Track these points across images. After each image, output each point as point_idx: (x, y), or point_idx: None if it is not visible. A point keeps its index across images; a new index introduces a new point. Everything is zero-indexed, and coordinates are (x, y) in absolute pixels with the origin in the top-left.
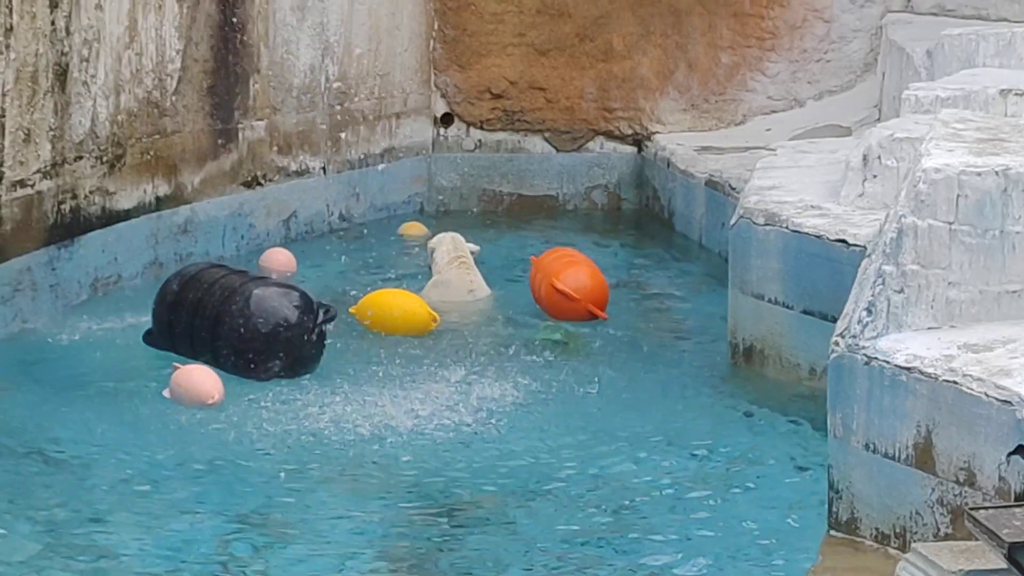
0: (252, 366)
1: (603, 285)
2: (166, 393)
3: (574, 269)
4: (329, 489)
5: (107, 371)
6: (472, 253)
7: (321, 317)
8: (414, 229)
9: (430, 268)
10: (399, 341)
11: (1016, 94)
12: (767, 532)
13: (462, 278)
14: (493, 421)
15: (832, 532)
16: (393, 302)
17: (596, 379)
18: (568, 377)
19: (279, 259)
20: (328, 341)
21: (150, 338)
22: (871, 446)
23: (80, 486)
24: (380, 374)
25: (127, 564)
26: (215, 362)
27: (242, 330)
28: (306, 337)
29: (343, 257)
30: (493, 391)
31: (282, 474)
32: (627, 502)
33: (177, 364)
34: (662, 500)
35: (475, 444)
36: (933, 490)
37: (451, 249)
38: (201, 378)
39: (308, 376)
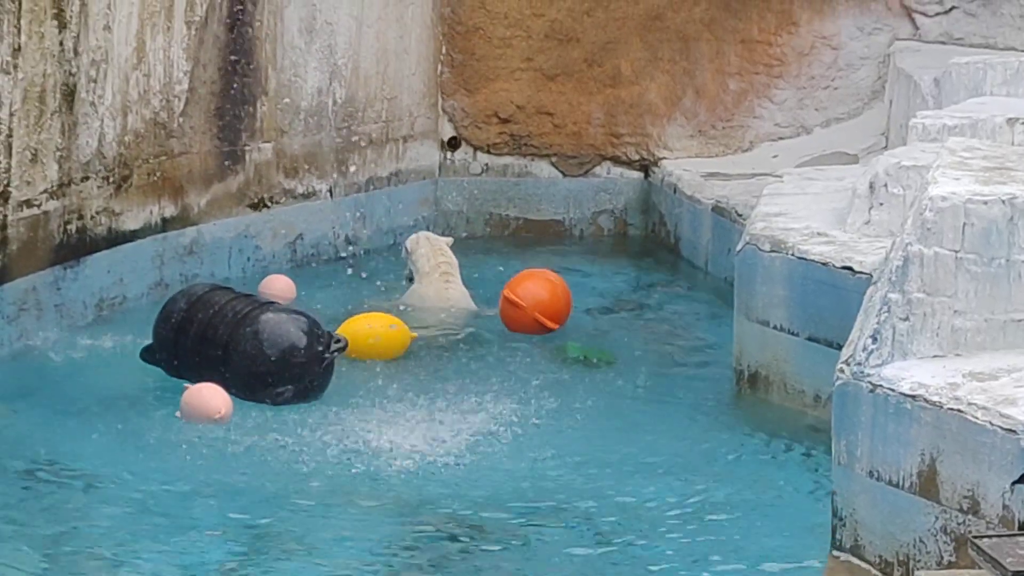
0: (263, 391)
1: (557, 297)
2: (178, 414)
3: (530, 281)
4: (334, 510)
5: (111, 391)
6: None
7: (332, 347)
8: None
9: (410, 270)
10: (402, 362)
11: (1023, 123)
12: (770, 558)
13: (442, 292)
14: (496, 444)
15: (835, 558)
16: (367, 331)
17: (601, 404)
18: (571, 402)
19: (279, 285)
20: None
21: (149, 355)
22: (875, 473)
23: (83, 506)
24: (385, 395)
25: None
26: (225, 385)
27: (254, 355)
28: (317, 365)
29: (348, 280)
30: (495, 414)
31: (288, 495)
32: (631, 527)
33: (188, 384)
34: (666, 525)
35: (478, 467)
36: (937, 518)
37: (430, 254)
38: (209, 394)
39: (306, 402)
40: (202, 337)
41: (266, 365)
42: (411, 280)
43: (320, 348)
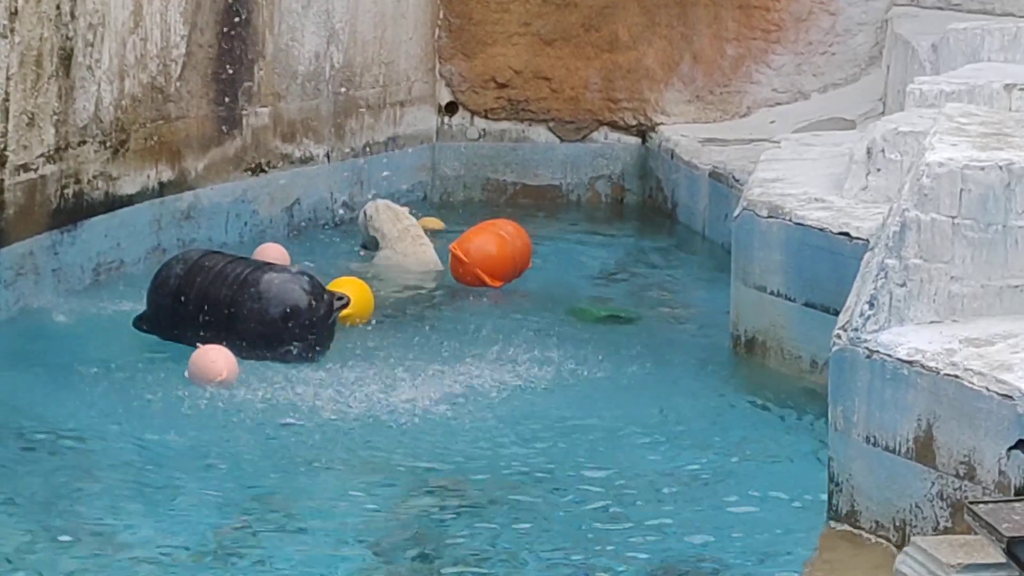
0: (270, 350)
1: (505, 255)
2: (187, 375)
3: (480, 236)
4: (327, 474)
5: (108, 356)
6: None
7: (336, 304)
8: (431, 224)
9: (372, 237)
10: (401, 326)
11: (1021, 89)
12: (765, 523)
13: (420, 255)
14: (489, 407)
15: (831, 524)
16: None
17: (596, 368)
18: (565, 366)
19: (272, 254)
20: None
21: (143, 323)
22: (872, 439)
23: (78, 470)
24: (376, 358)
25: (124, 546)
26: (231, 346)
27: (260, 315)
28: (322, 322)
29: (344, 245)
30: (495, 377)
31: (282, 458)
32: (624, 491)
33: (199, 345)
34: (660, 490)
35: (476, 431)
36: (933, 484)
37: (394, 219)
38: (213, 356)
39: (312, 361)
40: (203, 301)
41: (273, 324)
42: (368, 247)
43: (324, 305)
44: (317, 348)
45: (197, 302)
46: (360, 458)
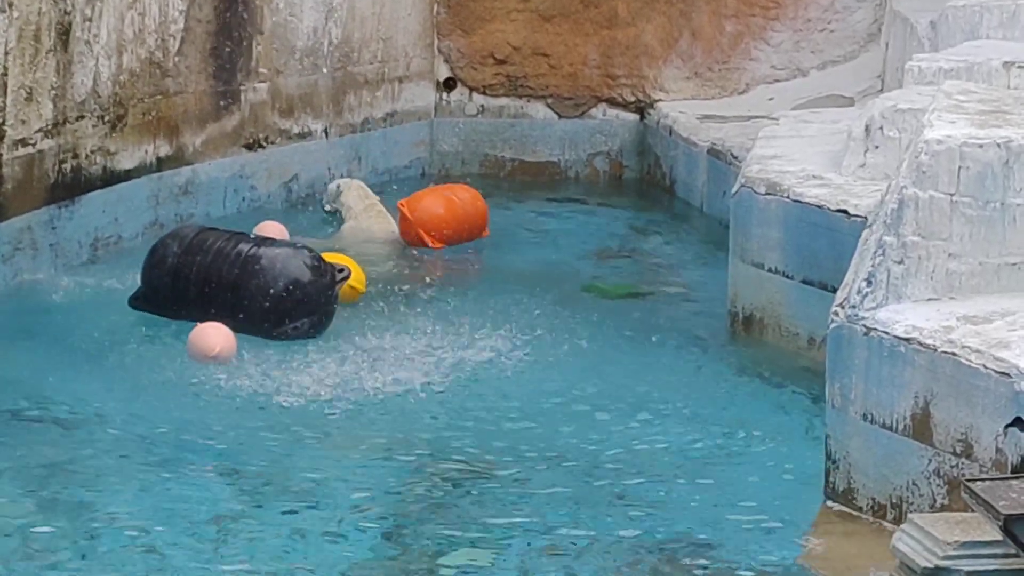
0: (278, 327)
1: (451, 219)
2: (187, 351)
3: (430, 197)
4: (323, 451)
5: (105, 331)
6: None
7: (338, 277)
8: None
9: (336, 211)
10: (399, 301)
11: (1019, 66)
12: (762, 500)
13: (384, 227)
14: (486, 384)
15: (828, 502)
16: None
17: (594, 345)
18: (562, 343)
19: (271, 231)
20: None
21: (139, 302)
22: (869, 416)
23: (74, 444)
24: (371, 334)
25: (119, 522)
26: (237, 325)
27: (267, 292)
28: (327, 295)
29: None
30: (486, 354)
31: (277, 435)
32: (621, 468)
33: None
34: (657, 466)
35: (469, 407)
36: (930, 461)
37: (363, 195)
38: (207, 333)
39: (315, 336)
40: (205, 280)
41: (281, 300)
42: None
43: (327, 279)
44: (322, 323)
45: (198, 281)
46: (354, 436)
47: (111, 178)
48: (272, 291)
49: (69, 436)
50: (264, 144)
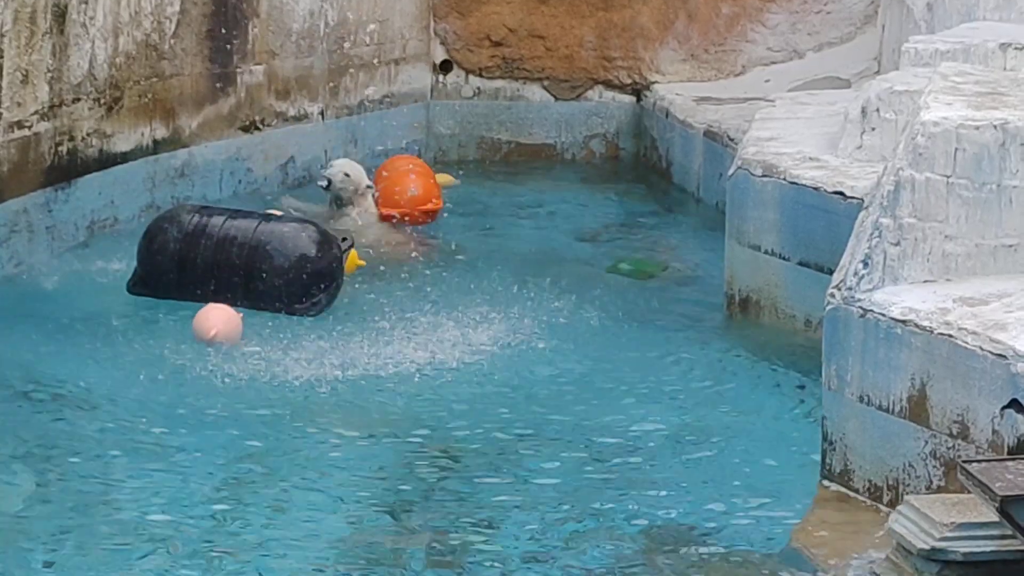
0: (297, 303)
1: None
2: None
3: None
4: (323, 432)
5: (102, 313)
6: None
7: (345, 248)
8: (444, 180)
9: (347, 196)
10: (397, 281)
11: (1016, 48)
12: (760, 482)
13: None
14: (485, 366)
15: (825, 483)
16: None
17: (591, 327)
18: (559, 326)
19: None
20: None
21: (137, 287)
22: (865, 398)
23: (72, 425)
24: (367, 315)
25: (116, 502)
26: (252, 303)
27: (284, 268)
28: (338, 267)
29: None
30: (484, 336)
31: (275, 417)
32: (619, 450)
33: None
34: (654, 448)
35: (467, 389)
36: (926, 443)
37: (362, 175)
38: (211, 314)
39: (308, 317)
40: (215, 261)
41: (298, 277)
42: (338, 205)
43: (336, 251)
44: (335, 295)
45: (206, 263)
46: (353, 417)
47: (107, 160)
48: (288, 268)
49: (67, 416)
50: (260, 126)
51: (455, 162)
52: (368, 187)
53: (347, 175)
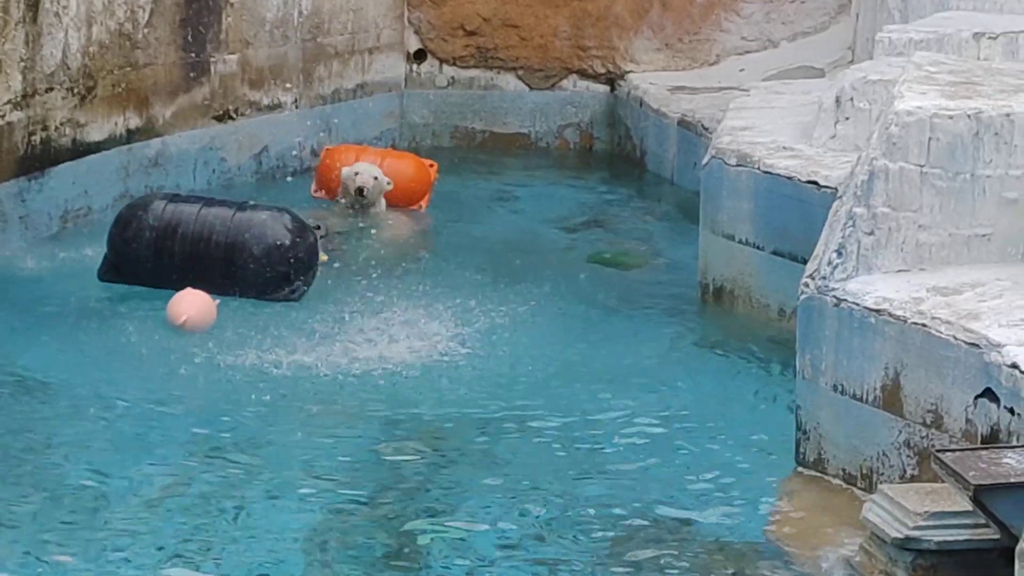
0: (277, 290)
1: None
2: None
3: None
4: (301, 421)
5: (76, 303)
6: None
7: (319, 235)
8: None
9: (372, 200)
10: (375, 270)
11: (989, 37)
12: (734, 471)
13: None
14: (461, 357)
15: (799, 472)
16: None
17: (566, 317)
18: (536, 315)
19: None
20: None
21: (111, 274)
22: (839, 387)
23: (42, 414)
24: (344, 307)
25: (87, 489)
26: (231, 290)
27: (265, 256)
28: (315, 253)
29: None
30: (464, 325)
31: (253, 408)
32: (595, 439)
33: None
34: (628, 437)
35: (443, 379)
36: (900, 432)
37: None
38: (183, 301)
39: (283, 304)
40: (193, 250)
41: (279, 264)
42: (362, 205)
43: (312, 238)
44: (312, 281)
45: (184, 250)
46: (328, 408)
47: (81, 150)
48: (268, 255)
49: (41, 406)
50: (234, 116)
51: (429, 151)
52: (388, 184)
53: (376, 178)
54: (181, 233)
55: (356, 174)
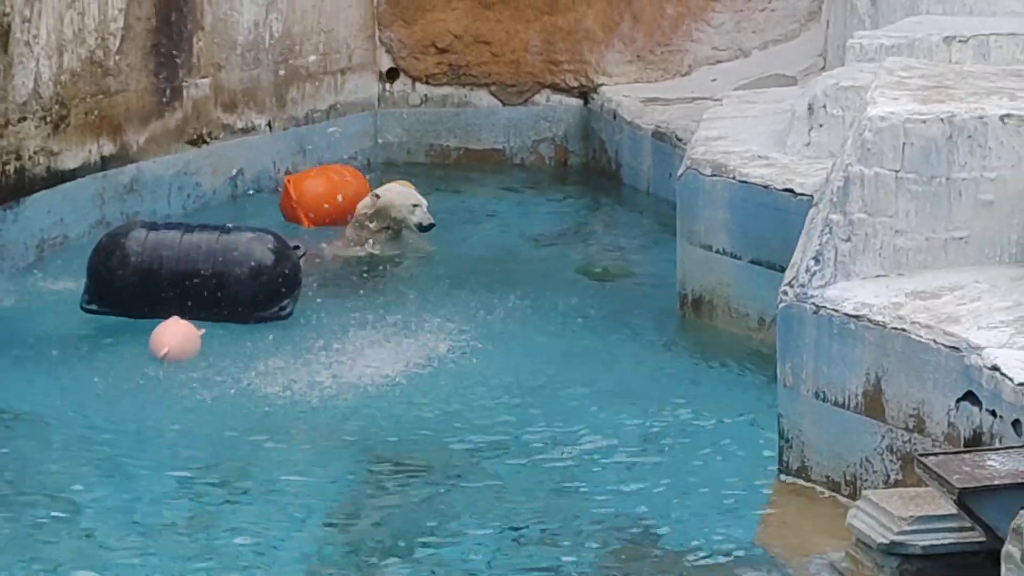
0: (265, 310)
1: (332, 200)
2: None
3: (317, 180)
4: (284, 445)
5: (54, 333)
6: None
7: (300, 255)
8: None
9: (395, 226)
10: (353, 290)
11: (960, 41)
12: (717, 481)
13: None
14: (441, 375)
15: (782, 480)
16: None
17: (546, 331)
18: (515, 329)
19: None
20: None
21: (95, 306)
22: (820, 394)
23: (24, 444)
24: (340, 325)
25: (65, 520)
26: (219, 314)
27: (252, 278)
28: (298, 273)
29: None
30: (444, 341)
31: (238, 431)
32: (576, 453)
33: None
34: (610, 449)
35: (424, 398)
36: (883, 437)
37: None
38: (165, 331)
39: (266, 325)
40: (181, 275)
41: (266, 285)
42: (395, 230)
43: (295, 257)
44: (297, 300)
45: (172, 276)
46: (311, 430)
47: (55, 178)
48: (256, 276)
49: (23, 436)
50: (208, 140)
51: (404, 170)
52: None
53: (416, 205)
54: (166, 259)
55: (415, 206)
